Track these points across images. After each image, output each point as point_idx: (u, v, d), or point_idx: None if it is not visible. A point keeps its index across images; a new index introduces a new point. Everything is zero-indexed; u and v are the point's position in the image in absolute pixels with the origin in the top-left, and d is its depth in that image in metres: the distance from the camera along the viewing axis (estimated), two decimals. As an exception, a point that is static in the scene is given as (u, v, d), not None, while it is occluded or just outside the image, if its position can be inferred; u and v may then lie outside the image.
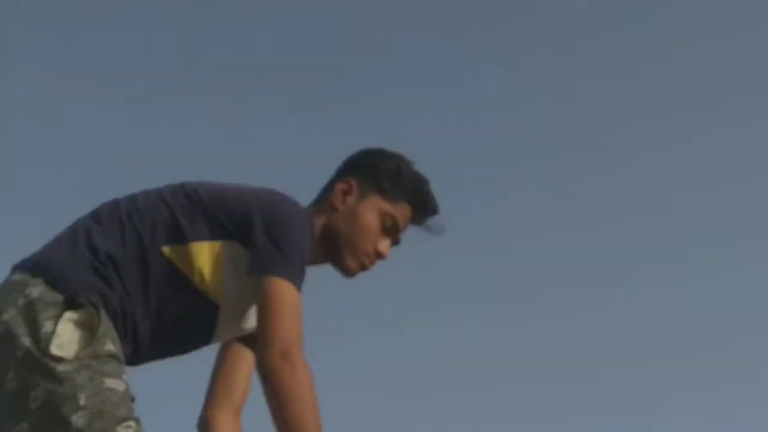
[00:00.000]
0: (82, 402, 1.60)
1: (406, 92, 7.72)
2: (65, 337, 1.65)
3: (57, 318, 1.66)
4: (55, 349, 1.63)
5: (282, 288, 1.78)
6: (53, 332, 1.64)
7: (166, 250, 1.81)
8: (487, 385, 6.67)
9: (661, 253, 7.32)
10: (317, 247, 1.97)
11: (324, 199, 2.05)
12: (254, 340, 1.86)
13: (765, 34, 7.61)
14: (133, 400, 1.71)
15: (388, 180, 2.02)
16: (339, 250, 1.99)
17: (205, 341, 1.96)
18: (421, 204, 2.04)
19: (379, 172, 2.02)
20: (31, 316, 1.67)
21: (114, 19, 7.38)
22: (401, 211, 2.02)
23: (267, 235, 1.82)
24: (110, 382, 1.65)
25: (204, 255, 1.83)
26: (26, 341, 1.64)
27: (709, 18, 7.65)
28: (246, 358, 2.09)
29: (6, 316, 1.68)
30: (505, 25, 7.89)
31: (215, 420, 2.07)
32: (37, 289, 1.70)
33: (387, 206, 2.01)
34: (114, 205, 1.88)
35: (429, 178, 2.08)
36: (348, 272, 2.02)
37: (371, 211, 2.00)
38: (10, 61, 7.08)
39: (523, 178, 7.62)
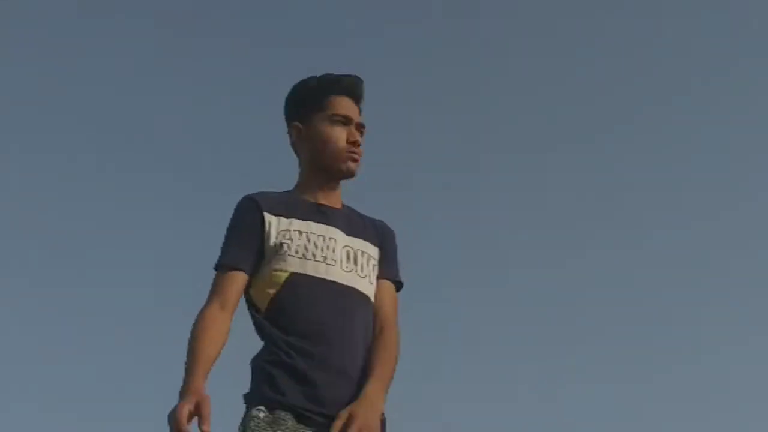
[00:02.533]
0: None
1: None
2: None
3: None
4: None
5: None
6: None
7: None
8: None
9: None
10: (315, 180, 2.36)
11: (294, 150, 2.42)
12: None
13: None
14: None
15: (310, 98, 2.37)
16: (325, 163, 2.34)
17: None
18: (342, 85, 2.38)
19: (301, 100, 2.38)
20: None
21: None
22: (335, 107, 2.36)
23: None
24: None
25: None
26: None
27: None
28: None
29: None
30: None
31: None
32: None
33: (326, 113, 2.35)
34: None
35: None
36: (348, 173, 2.36)
37: (320, 125, 2.35)
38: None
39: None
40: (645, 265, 7.46)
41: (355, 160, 2.34)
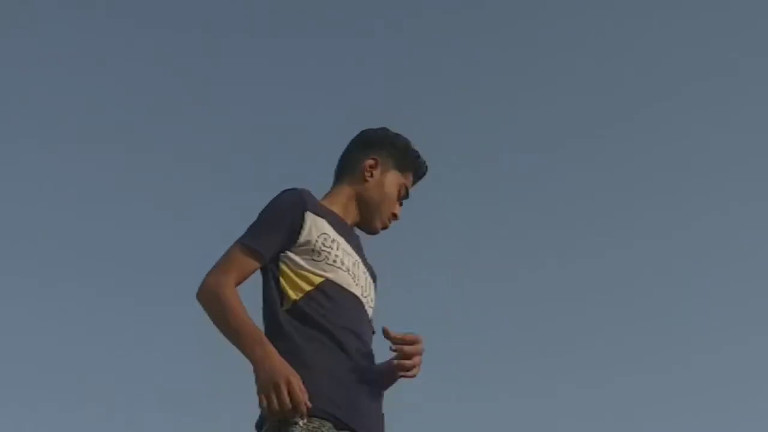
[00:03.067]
0: None
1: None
2: None
3: None
4: None
5: (230, 248, 2.30)
6: None
7: None
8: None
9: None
10: (351, 210, 2.48)
11: (353, 172, 2.51)
12: None
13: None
14: None
15: (403, 157, 2.53)
16: (370, 213, 2.49)
17: None
18: (421, 174, 2.59)
19: (396, 151, 2.53)
20: None
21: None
22: (408, 180, 2.55)
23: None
24: None
25: None
26: None
27: None
28: None
29: None
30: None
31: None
32: None
33: (402, 179, 2.53)
34: None
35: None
36: (374, 231, 2.52)
37: (393, 183, 2.51)
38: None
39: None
40: (644, 265, 7.49)
41: (385, 227, 2.53)
